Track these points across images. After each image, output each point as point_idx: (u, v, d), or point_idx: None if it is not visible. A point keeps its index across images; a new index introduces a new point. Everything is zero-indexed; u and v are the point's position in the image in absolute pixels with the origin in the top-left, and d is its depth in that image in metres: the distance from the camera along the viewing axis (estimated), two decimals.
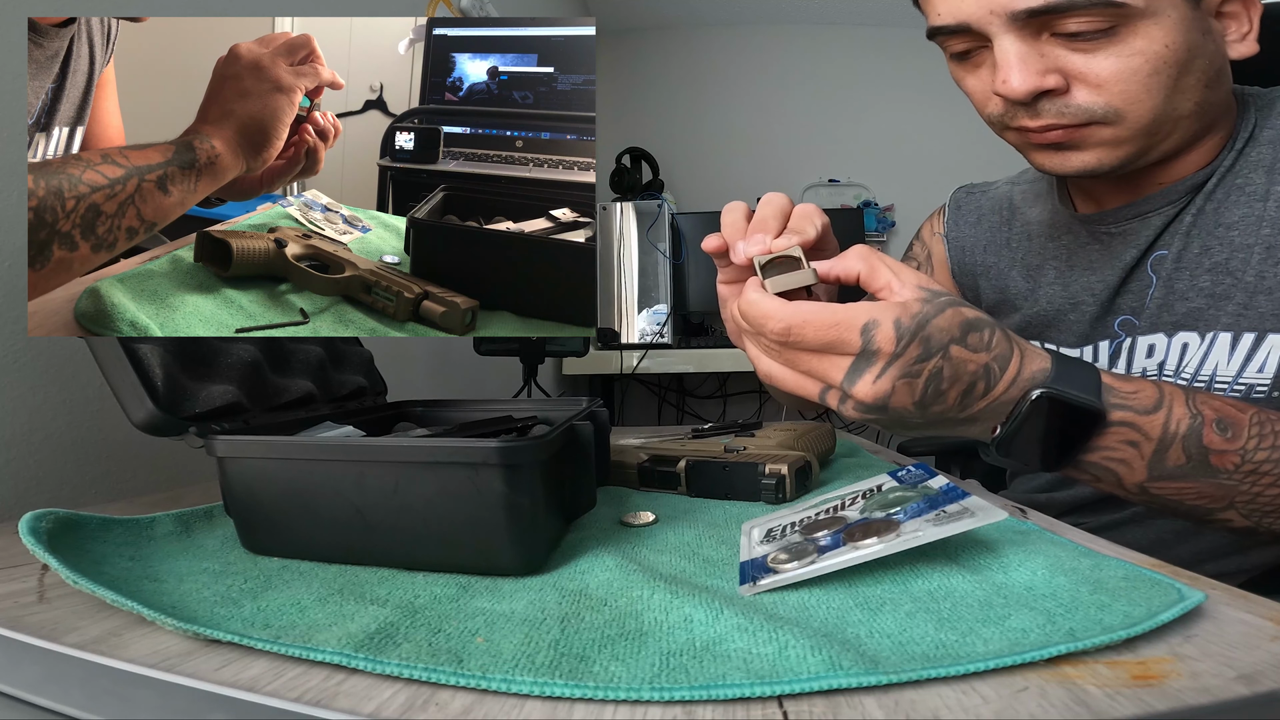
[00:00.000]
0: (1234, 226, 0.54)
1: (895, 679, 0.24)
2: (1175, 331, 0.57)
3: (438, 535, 0.37)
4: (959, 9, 0.48)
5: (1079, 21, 0.45)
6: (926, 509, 0.36)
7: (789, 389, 0.42)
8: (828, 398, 0.41)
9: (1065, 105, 0.48)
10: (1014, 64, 0.47)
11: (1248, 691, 0.23)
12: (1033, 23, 0.46)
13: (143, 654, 0.28)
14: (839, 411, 0.41)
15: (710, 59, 2.80)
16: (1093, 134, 0.50)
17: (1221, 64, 0.50)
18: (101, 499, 0.62)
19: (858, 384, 0.39)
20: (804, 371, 0.41)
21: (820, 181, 2.75)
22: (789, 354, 0.41)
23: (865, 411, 0.41)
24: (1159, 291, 0.58)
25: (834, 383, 0.40)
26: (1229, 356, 0.54)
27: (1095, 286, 0.62)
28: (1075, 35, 0.46)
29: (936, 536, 0.33)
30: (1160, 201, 0.57)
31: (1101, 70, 0.46)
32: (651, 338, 2.03)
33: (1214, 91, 0.50)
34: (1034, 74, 0.47)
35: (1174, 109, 0.49)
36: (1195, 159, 0.56)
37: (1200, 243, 0.55)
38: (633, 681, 0.25)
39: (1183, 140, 0.53)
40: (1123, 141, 0.50)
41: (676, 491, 0.57)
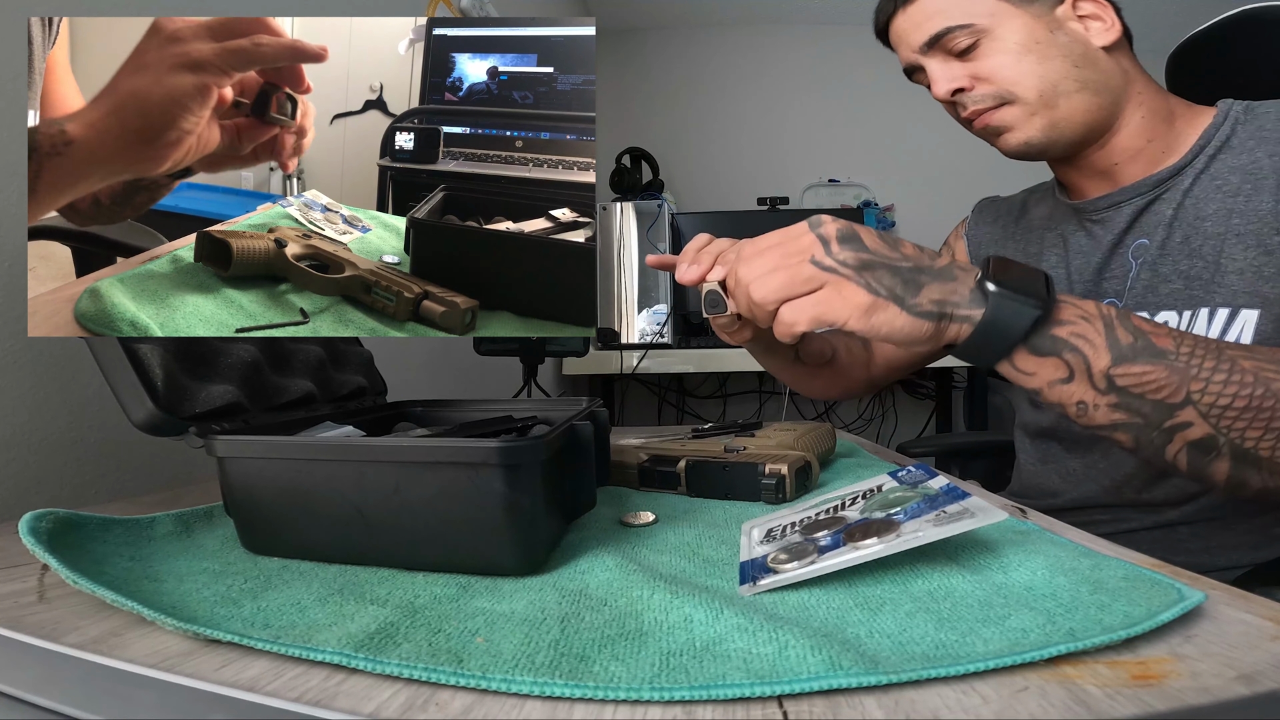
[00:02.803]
0: (1209, 219, 0.63)
1: (895, 679, 0.24)
2: (1157, 311, 0.66)
3: (438, 535, 0.37)
4: (904, 56, 0.71)
5: (955, 41, 0.65)
6: (927, 509, 0.36)
7: (787, 284, 0.46)
8: (815, 253, 0.46)
9: (974, 97, 0.67)
10: (937, 79, 0.68)
11: (1248, 691, 0.23)
12: (934, 51, 0.67)
13: (143, 654, 0.28)
14: (826, 261, 0.45)
15: (710, 59, 2.80)
16: (1006, 114, 0.66)
17: (1084, 49, 0.64)
18: (101, 499, 0.62)
19: (823, 225, 0.47)
20: (786, 257, 0.47)
21: (820, 181, 2.75)
22: (765, 256, 0.47)
23: (845, 243, 0.46)
24: (1143, 274, 0.68)
25: (807, 242, 0.46)
26: (1207, 329, 0.62)
27: (1085, 270, 0.73)
28: (963, 52, 0.66)
29: (937, 537, 0.33)
30: (1131, 193, 0.69)
31: (985, 68, 0.65)
32: (651, 338, 2.03)
33: (1088, 70, 0.64)
34: (946, 80, 0.67)
35: (1054, 84, 0.64)
36: (1147, 151, 0.67)
37: (1182, 233, 0.65)
38: (633, 681, 0.25)
39: (1090, 112, 0.65)
40: (1031, 114, 0.65)
41: (677, 491, 0.57)
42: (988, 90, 0.66)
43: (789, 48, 2.79)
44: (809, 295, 0.46)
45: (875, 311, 0.45)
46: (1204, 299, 0.63)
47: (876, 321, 0.45)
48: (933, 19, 0.66)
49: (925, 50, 0.67)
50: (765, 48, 2.80)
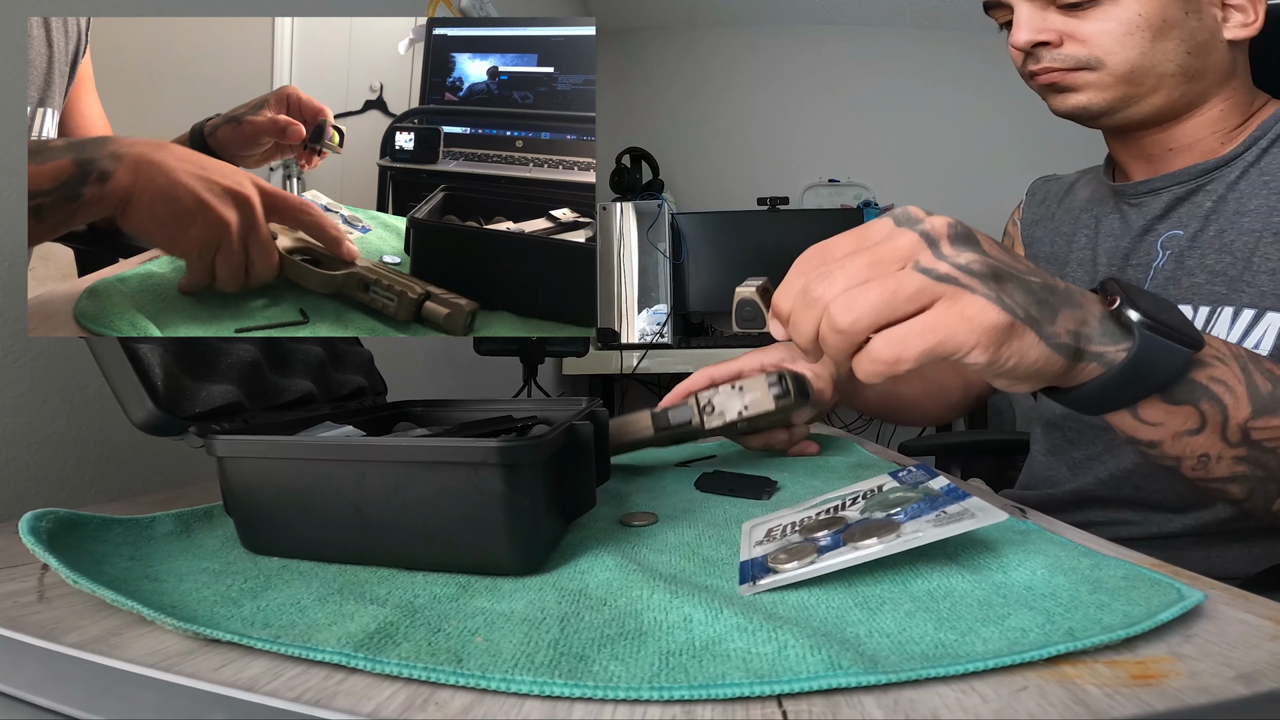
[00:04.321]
0: (1249, 214, 0.60)
1: (894, 678, 0.24)
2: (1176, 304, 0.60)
3: (437, 535, 0.37)
4: None
5: None
6: (927, 509, 0.36)
7: (887, 302, 0.34)
8: (920, 258, 0.34)
9: (1057, 54, 0.62)
10: (1021, 24, 0.62)
11: (1247, 691, 0.23)
12: None
13: (142, 654, 0.28)
14: (941, 267, 0.34)
15: (710, 59, 2.80)
16: (1080, 78, 0.62)
17: (1207, 39, 0.60)
18: (101, 499, 0.62)
19: (923, 221, 0.35)
20: (877, 266, 0.35)
21: (820, 181, 2.75)
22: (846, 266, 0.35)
23: (960, 243, 0.34)
24: (1168, 265, 0.65)
25: (906, 244, 0.34)
26: (1229, 331, 0.59)
27: (1114, 254, 0.71)
28: (1071, 6, 0.61)
29: (937, 537, 0.33)
30: (1170, 180, 0.66)
31: (1085, 29, 0.61)
32: (651, 338, 2.03)
33: (1198, 59, 0.60)
34: (1033, 30, 0.62)
35: (1152, 65, 0.60)
36: (1207, 141, 0.64)
37: (1217, 226, 0.62)
38: (632, 681, 0.25)
39: (1171, 99, 0.62)
40: (1106, 86, 0.62)
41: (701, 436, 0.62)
42: (1076, 51, 0.61)
43: (789, 48, 2.79)
44: (915, 318, 0.33)
45: (1011, 338, 0.34)
46: (1228, 297, 0.59)
47: (1008, 352, 0.34)
48: None
49: None
50: (765, 48, 2.80)
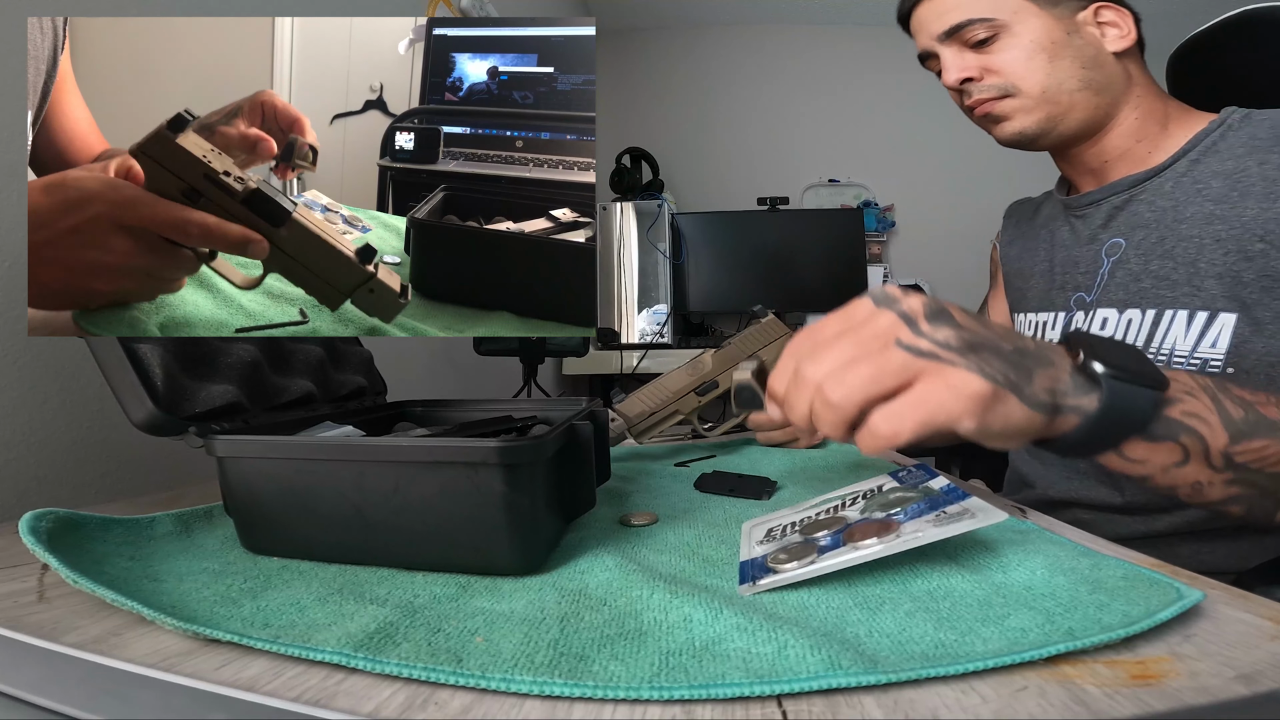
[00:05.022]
0: (1187, 221, 0.65)
1: (894, 678, 0.24)
2: (1125, 309, 0.68)
3: (437, 535, 0.37)
4: (921, 43, 0.75)
5: (973, 33, 0.69)
6: (927, 510, 0.36)
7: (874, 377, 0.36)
8: (901, 336, 0.37)
9: (981, 86, 0.70)
10: (948, 67, 0.71)
11: (1247, 691, 0.23)
12: (951, 41, 0.71)
13: (142, 654, 0.28)
14: (920, 344, 0.36)
15: (710, 59, 2.80)
16: (1006, 105, 0.70)
17: (1095, 53, 0.68)
18: (101, 499, 0.62)
19: (899, 301, 0.38)
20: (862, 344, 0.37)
21: (820, 181, 2.75)
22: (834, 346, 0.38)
23: (937, 319, 0.37)
24: (1115, 272, 0.70)
25: (886, 323, 0.37)
26: (1185, 333, 0.63)
27: (1065, 262, 0.77)
28: (979, 44, 0.69)
29: (936, 537, 0.33)
30: (1108, 191, 0.72)
31: (996, 62, 0.69)
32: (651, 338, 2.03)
33: (1095, 72, 0.68)
34: (958, 70, 0.70)
35: (1059, 83, 0.68)
36: (1135, 151, 0.70)
37: (1158, 234, 0.67)
38: (632, 681, 0.25)
39: (1089, 112, 0.69)
40: (1030, 109, 0.69)
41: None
42: (995, 82, 0.69)
43: (789, 48, 2.79)
44: (905, 394, 0.36)
45: (995, 404, 0.36)
46: (1178, 300, 0.64)
47: (992, 418, 0.36)
48: (956, 9, 0.69)
49: (943, 39, 0.71)
50: (765, 48, 2.80)
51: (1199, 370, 0.61)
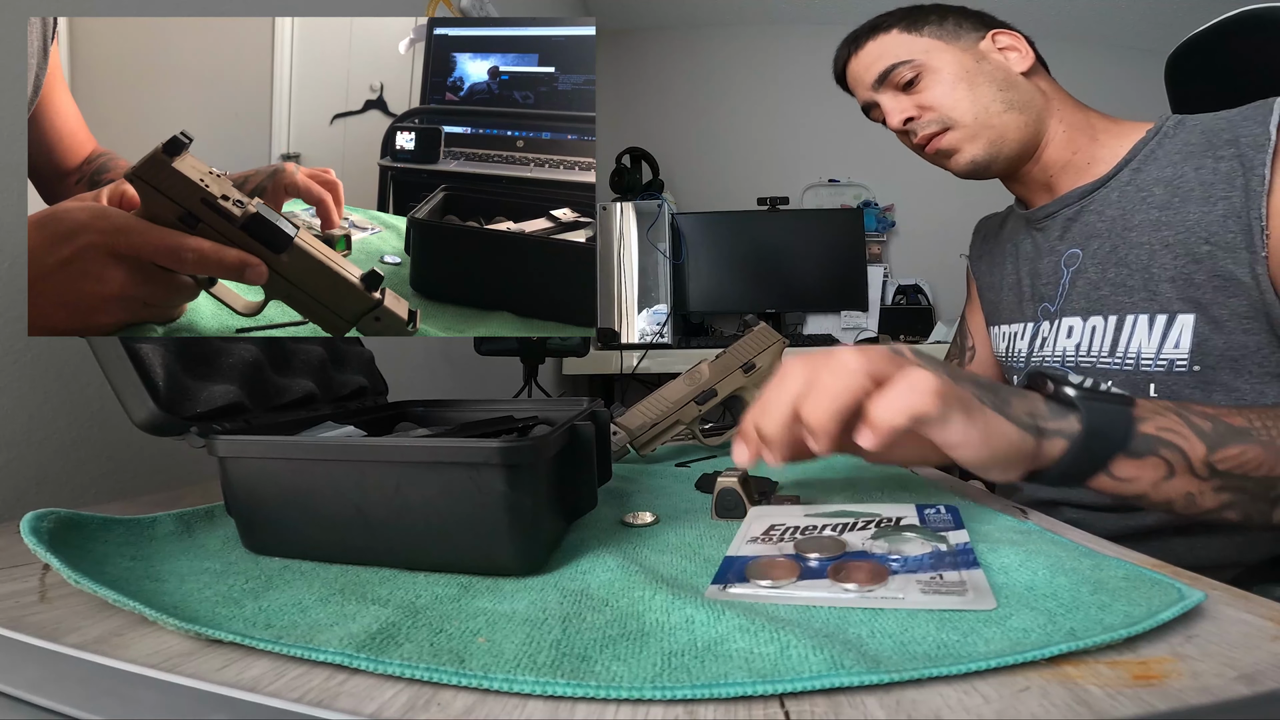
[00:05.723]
0: (1136, 229, 0.67)
1: (896, 678, 0.24)
2: (1088, 316, 0.71)
3: (439, 535, 0.37)
4: (861, 96, 0.81)
5: (900, 75, 0.75)
6: (928, 566, 0.35)
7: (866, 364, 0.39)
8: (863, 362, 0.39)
9: (922, 123, 0.75)
10: (890, 112, 0.76)
11: (1248, 691, 0.23)
12: (885, 87, 0.77)
13: (144, 654, 0.28)
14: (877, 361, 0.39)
15: (710, 59, 2.80)
16: (949, 138, 0.74)
17: (1005, 75, 0.73)
18: (102, 499, 0.62)
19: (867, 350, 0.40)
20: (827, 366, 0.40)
21: (820, 181, 2.75)
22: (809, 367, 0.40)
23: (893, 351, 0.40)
24: (1076, 281, 0.73)
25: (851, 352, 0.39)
26: (1148, 336, 0.65)
27: (1030, 274, 0.80)
28: (908, 85, 0.75)
29: (914, 606, 0.31)
30: (1060, 204, 0.75)
31: (927, 99, 0.74)
32: (651, 338, 2.03)
33: (1012, 93, 0.73)
34: (899, 113, 0.76)
35: (985, 108, 0.72)
36: (1074, 163, 0.74)
37: (1110, 243, 0.69)
38: (634, 681, 0.25)
39: (1023, 132, 0.73)
40: (972, 138, 0.73)
41: None
42: (932, 117, 0.74)
43: (789, 48, 2.79)
44: (896, 386, 0.38)
45: (976, 416, 0.39)
46: (1136, 305, 0.66)
47: (983, 431, 0.39)
48: (881, 58, 0.76)
49: (877, 87, 0.77)
50: (765, 48, 2.80)
51: (1166, 371, 0.64)
